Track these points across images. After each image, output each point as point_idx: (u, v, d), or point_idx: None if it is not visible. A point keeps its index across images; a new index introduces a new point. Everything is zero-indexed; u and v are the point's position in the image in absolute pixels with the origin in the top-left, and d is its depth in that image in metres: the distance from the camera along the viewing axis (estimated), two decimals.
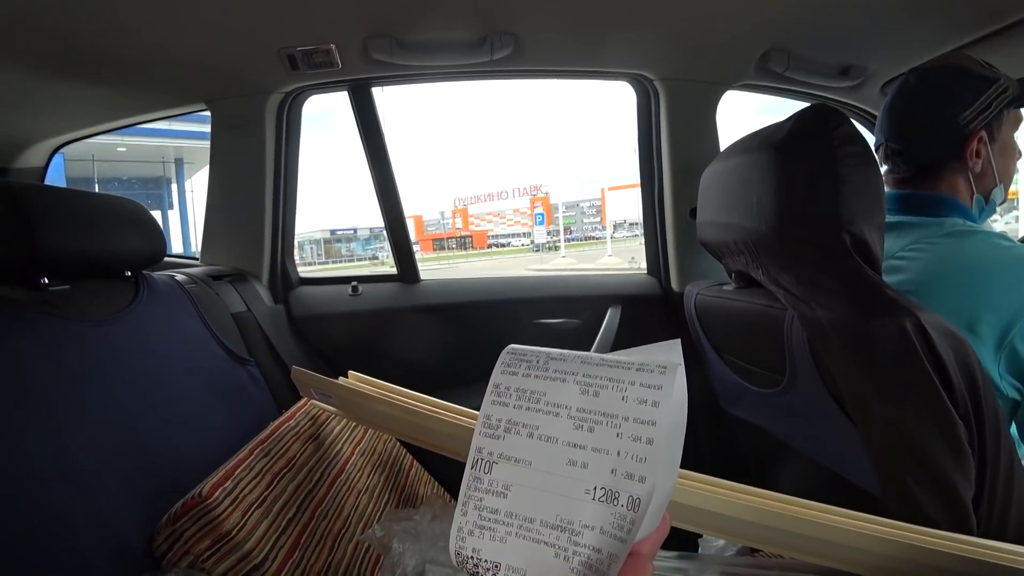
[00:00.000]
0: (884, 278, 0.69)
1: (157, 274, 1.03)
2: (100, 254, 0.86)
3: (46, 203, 0.76)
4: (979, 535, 0.58)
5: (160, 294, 0.97)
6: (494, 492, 0.24)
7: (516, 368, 0.26)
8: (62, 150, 1.70)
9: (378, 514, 0.91)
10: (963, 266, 0.75)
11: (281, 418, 0.88)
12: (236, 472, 0.71)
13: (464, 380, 1.45)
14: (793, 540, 0.54)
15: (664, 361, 0.24)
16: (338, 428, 0.95)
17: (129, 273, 0.94)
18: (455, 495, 1.03)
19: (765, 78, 1.38)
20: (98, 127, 1.59)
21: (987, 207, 0.89)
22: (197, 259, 1.52)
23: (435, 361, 1.48)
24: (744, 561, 0.64)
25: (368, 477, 0.95)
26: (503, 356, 0.27)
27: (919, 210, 0.86)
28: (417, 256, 1.59)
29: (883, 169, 0.92)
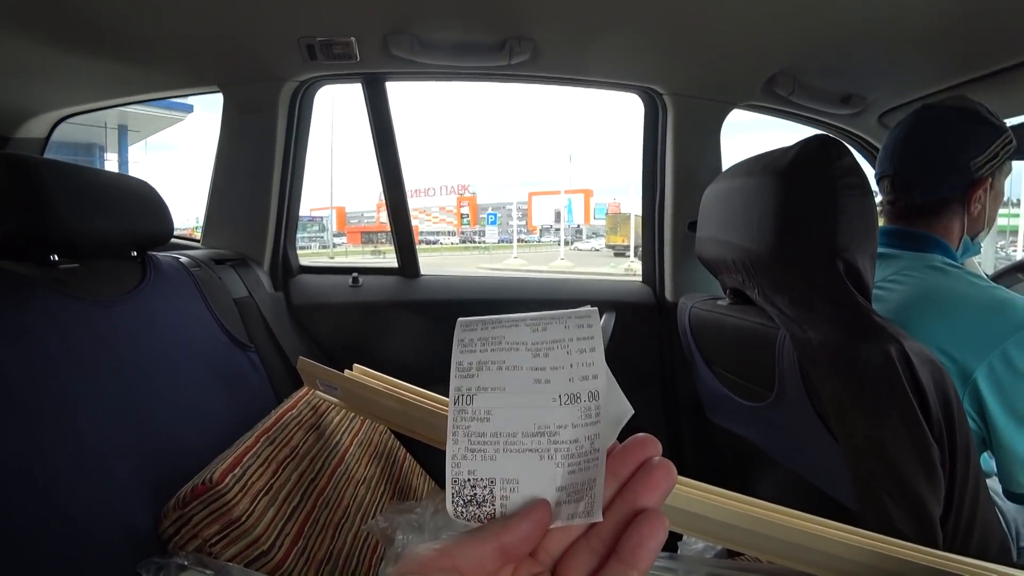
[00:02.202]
0: None
1: (162, 255, 1.04)
2: (109, 232, 0.86)
3: (59, 179, 0.77)
4: (945, 549, 0.63)
5: (166, 276, 0.98)
6: (478, 419, 0.28)
7: (474, 326, 0.30)
8: None
9: (376, 505, 0.93)
10: (937, 300, 0.79)
11: (284, 406, 0.90)
12: (244, 459, 0.73)
13: None
14: (773, 545, 0.58)
15: (581, 310, 0.29)
16: (337, 419, 0.97)
17: (136, 253, 0.95)
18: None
19: (770, 100, 1.42)
20: (104, 102, 1.58)
21: (971, 248, 0.93)
22: (199, 241, 1.53)
23: (432, 356, 1.50)
24: (728, 563, 0.67)
25: (365, 468, 0.97)
26: (458, 324, 0.31)
27: (905, 244, 0.89)
28: (345, 248, 1.60)
29: (885, 199, 0.95)
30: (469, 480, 0.27)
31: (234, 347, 1.07)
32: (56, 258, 0.78)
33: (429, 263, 1.83)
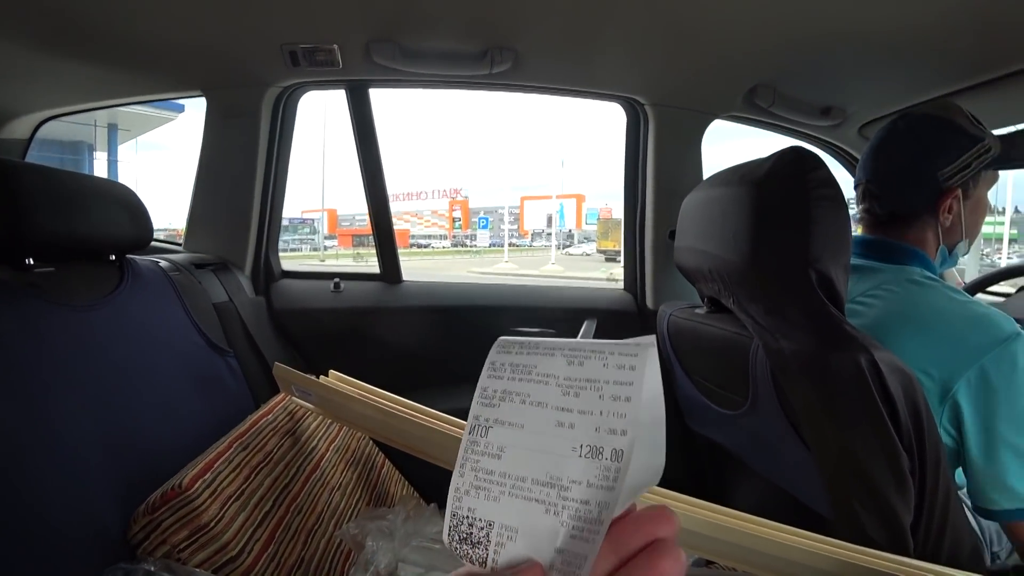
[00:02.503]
0: None
1: (141, 259, 1.03)
2: (87, 236, 0.85)
3: (35, 182, 0.76)
4: (916, 556, 0.63)
5: (144, 280, 0.97)
6: (489, 454, 0.26)
7: (510, 348, 0.28)
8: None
9: (350, 511, 0.92)
10: (915, 317, 0.79)
11: (259, 412, 0.89)
12: (215, 465, 0.72)
13: (440, 382, 1.47)
14: (747, 555, 0.58)
15: (639, 340, 0.26)
16: (314, 424, 0.97)
17: (113, 257, 0.94)
18: (425, 495, 1.05)
19: (751, 111, 1.44)
20: (87, 104, 1.57)
21: (949, 259, 0.93)
22: (180, 245, 1.52)
23: (413, 362, 1.50)
24: (703, 572, 0.68)
25: (341, 474, 0.96)
26: (497, 342, 0.28)
27: (882, 256, 0.89)
28: (336, 251, 1.60)
29: (860, 208, 0.96)
30: (467, 517, 0.25)
31: (212, 352, 1.06)
32: (31, 262, 0.77)
33: (421, 267, 1.83)
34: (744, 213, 0.80)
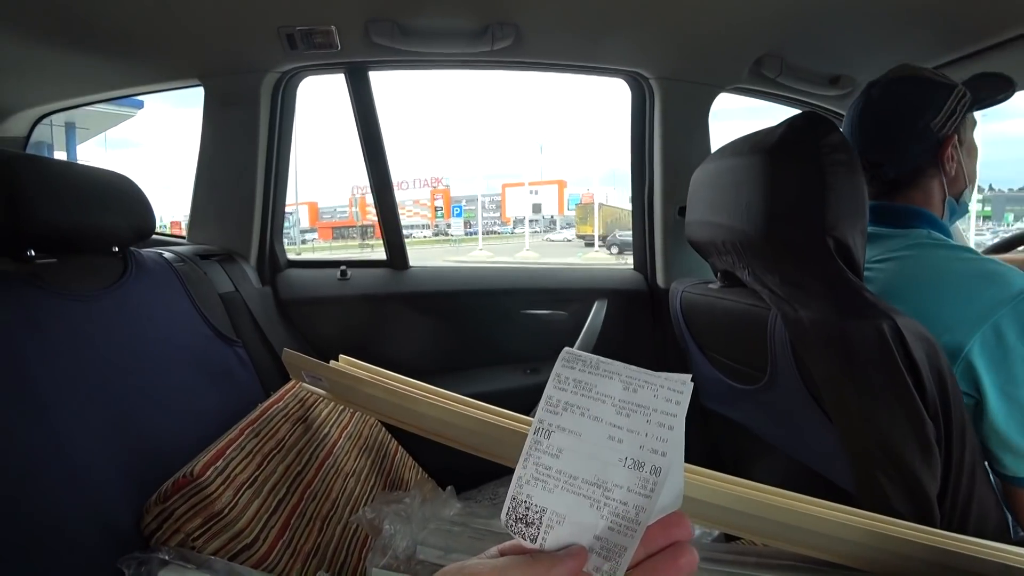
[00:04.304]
0: None
1: (145, 251, 1.02)
2: (88, 228, 0.85)
3: (35, 173, 0.75)
4: (942, 528, 0.62)
5: (148, 271, 0.97)
6: (550, 453, 0.31)
7: (574, 365, 0.32)
8: None
9: (365, 497, 0.92)
10: (924, 279, 0.77)
11: (270, 399, 0.89)
12: (227, 452, 0.72)
13: (451, 367, 1.46)
14: (770, 528, 0.57)
15: (682, 377, 0.31)
16: (326, 411, 0.96)
17: (117, 249, 0.93)
18: (439, 480, 1.04)
19: (758, 83, 1.41)
20: (84, 98, 1.55)
21: (958, 209, 0.92)
22: (184, 237, 1.51)
23: (422, 348, 1.49)
24: (726, 547, 0.66)
25: (355, 460, 0.96)
26: (563, 354, 0.33)
27: (889, 221, 0.87)
28: (312, 245, 1.59)
29: None
30: (525, 502, 0.30)
31: (220, 342, 1.05)
32: (32, 253, 0.76)
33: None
34: (757, 182, 0.78)
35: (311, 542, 0.75)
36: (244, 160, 1.41)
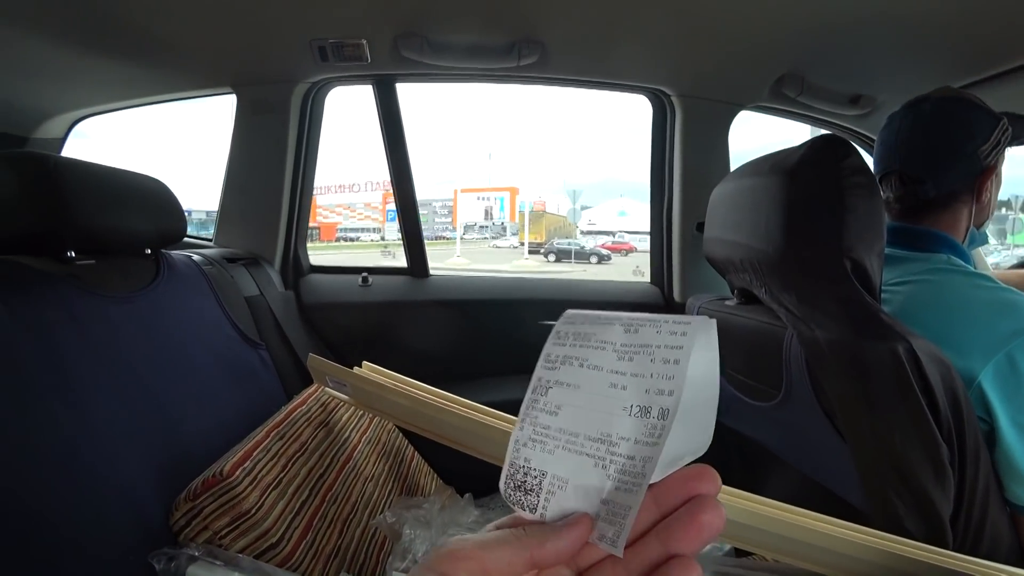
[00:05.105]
0: None
1: (175, 253, 1.05)
2: (126, 231, 0.88)
3: (77, 177, 0.79)
4: (955, 550, 0.62)
5: (179, 274, 1.00)
6: (547, 411, 0.28)
7: (574, 319, 0.30)
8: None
9: (383, 501, 0.94)
10: (941, 304, 0.77)
11: (294, 403, 0.91)
12: (254, 453, 0.74)
13: (469, 375, 1.48)
14: (782, 544, 0.58)
15: (697, 318, 0.27)
16: (346, 416, 0.98)
17: (149, 251, 0.96)
18: (455, 486, 1.06)
19: (778, 101, 1.42)
20: (120, 103, 1.60)
21: (978, 238, 0.91)
22: (211, 240, 1.55)
23: (441, 355, 1.51)
24: (736, 562, 0.67)
25: (374, 465, 0.98)
26: (565, 313, 0.31)
27: (910, 244, 0.87)
28: None
29: (890, 196, 0.93)
30: (523, 467, 0.27)
31: (245, 344, 1.08)
32: (73, 254, 0.79)
33: (339, 260, 1.84)
34: (776, 202, 0.79)
35: (332, 544, 0.78)
36: (272, 166, 1.44)
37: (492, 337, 1.54)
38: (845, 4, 1.01)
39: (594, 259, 15.33)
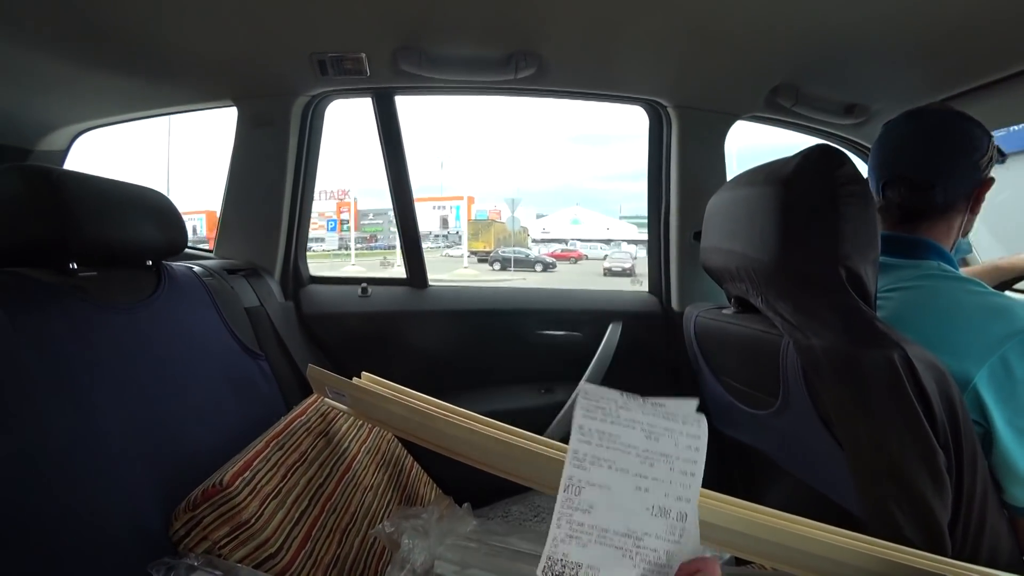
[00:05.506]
0: None
1: (176, 265, 1.06)
2: (128, 242, 0.89)
3: (80, 189, 0.79)
4: (954, 557, 0.62)
5: (180, 285, 1.00)
6: (581, 510, 0.32)
7: (594, 414, 0.34)
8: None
9: (382, 511, 0.94)
10: (933, 309, 0.78)
11: (293, 413, 0.91)
12: (254, 463, 0.74)
13: (469, 385, 1.48)
14: (780, 552, 0.58)
15: (697, 416, 0.33)
16: (345, 426, 0.98)
17: (151, 263, 0.97)
18: (453, 496, 1.06)
19: (773, 111, 1.43)
20: (122, 116, 1.62)
21: (963, 246, 0.93)
22: (211, 251, 1.55)
23: (441, 365, 1.52)
24: (734, 571, 0.67)
25: (373, 475, 0.98)
26: (580, 400, 0.34)
27: (901, 252, 0.88)
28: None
29: (886, 203, 0.92)
30: (562, 560, 0.31)
31: (245, 355, 1.08)
32: (75, 266, 0.80)
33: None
34: (772, 212, 0.80)
35: (331, 554, 0.77)
36: (272, 178, 1.46)
37: (491, 347, 1.54)
38: (840, 16, 1.03)
39: (539, 267, 15.59)
